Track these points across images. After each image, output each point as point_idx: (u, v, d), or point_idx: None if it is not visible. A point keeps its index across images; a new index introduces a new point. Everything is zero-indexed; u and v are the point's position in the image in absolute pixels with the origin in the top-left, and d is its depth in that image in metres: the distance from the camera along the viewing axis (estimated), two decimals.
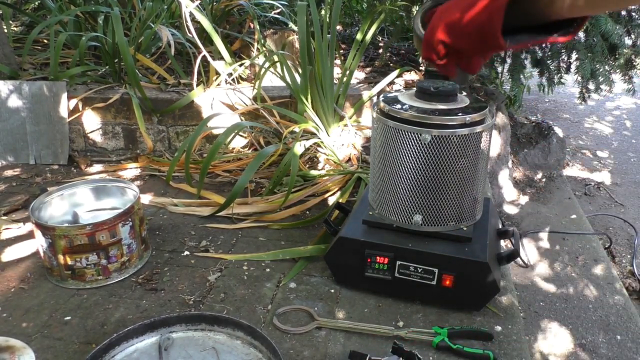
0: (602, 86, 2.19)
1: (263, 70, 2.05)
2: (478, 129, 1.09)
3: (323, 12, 2.31)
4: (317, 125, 1.95)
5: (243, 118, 2.10)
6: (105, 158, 2.11)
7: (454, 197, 1.13)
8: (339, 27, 3.29)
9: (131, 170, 1.99)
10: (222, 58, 2.27)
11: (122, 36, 1.95)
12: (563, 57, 2.18)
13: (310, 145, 1.94)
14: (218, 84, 2.16)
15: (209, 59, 2.17)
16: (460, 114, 1.08)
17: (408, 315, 1.16)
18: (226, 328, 1.06)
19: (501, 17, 0.55)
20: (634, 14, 2.42)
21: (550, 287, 1.93)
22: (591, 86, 2.28)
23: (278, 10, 2.99)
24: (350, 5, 3.35)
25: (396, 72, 2.31)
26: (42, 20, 2.59)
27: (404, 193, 1.14)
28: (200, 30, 2.45)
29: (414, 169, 1.11)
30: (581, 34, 2.22)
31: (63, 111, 2.05)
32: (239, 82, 2.25)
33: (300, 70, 1.98)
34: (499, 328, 1.11)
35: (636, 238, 2.50)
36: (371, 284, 1.20)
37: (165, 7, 2.63)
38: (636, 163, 3.57)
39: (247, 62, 2.31)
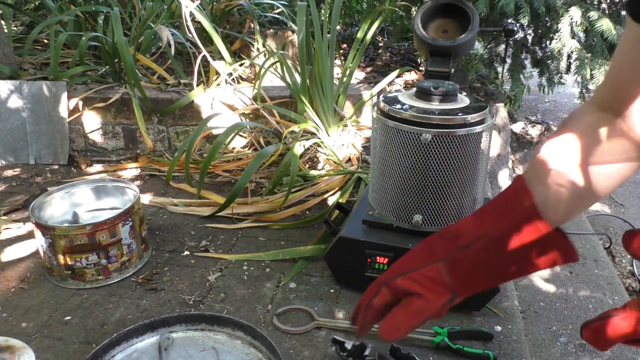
0: None
1: (263, 70, 2.05)
2: (478, 129, 1.09)
3: (323, 12, 2.31)
4: (317, 125, 1.95)
5: (243, 118, 2.10)
6: (105, 158, 2.11)
7: (454, 197, 1.13)
8: (338, 27, 3.29)
9: (131, 170, 1.99)
10: (222, 58, 2.27)
11: (122, 36, 1.95)
12: (563, 57, 2.18)
13: (310, 145, 1.94)
14: (218, 84, 2.16)
15: (209, 59, 2.17)
16: (460, 114, 1.08)
17: None
18: (226, 328, 1.06)
19: None
20: None
21: (550, 287, 1.93)
22: (591, 86, 2.28)
23: (278, 10, 2.99)
24: (350, 5, 3.35)
25: (396, 72, 2.31)
26: (42, 20, 2.59)
27: (404, 193, 1.14)
28: (200, 30, 2.45)
29: (414, 169, 1.11)
30: (581, 34, 2.22)
31: (63, 111, 2.05)
32: (239, 82, 2.25)
33: (300, 70, 1.98)
34: (499, 328, 1.11)
35: None
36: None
37: (165, 7, 2.62)
38: None
39: (247, 62, 2.31)
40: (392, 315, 0.57)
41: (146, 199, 1.72)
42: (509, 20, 2.10)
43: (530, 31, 2.51)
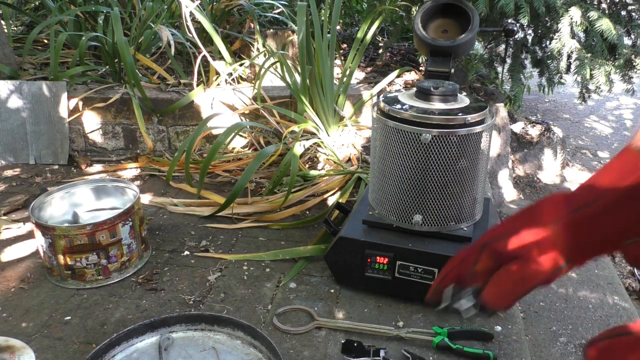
0: (602, 86, 2.18)
1: (263, 70, 2.05)
2: (478, 129, 1.09)
3: (323, 12, 2.31)
4: (317, 125, 1.95)
5: (243, 118, 2.10)
6: (105, 158, 2.11)
7: (454, 197, 1.13)
8: (338, 27, 3.29)
9: (131, 170, 1.99)
10: (222, 58, 2.27)
11: (122, 36, 1.95)
12: (563, 57, 2.18)
13: (310, 145, 1.94)
14: (218, 84, 2.16)
15: (209, 59, 2.17)
16: (460, 114, 1.08)
17: (408, 315, 1.16)
18: (226, 328, 1.06)
19: None
20: (634, 14, 2.42)
21: (550, 287, 1.93)
22: (591, 86, 2.28)
23: (278, 10, 2.99)
24: (350, 5, 3.35)
25: (396, 72, 2.31)
26: (42, 20, 2.59)
27: (404, 193, 1.14)
28: (200, 30, 2.45)
29: (414, 169, 1.11)
30: (581, 34, 2.22)
31: (63, 111, 2.05)
32: (239, 82, 2.25)
33: (300, 70, 1.98)
34: (499, 328, 1.12)
35: None
36: (371, 284, 1.20)
37: (165, 7, 2.62)
38: None
39: (247, 62, 2.31)
40: (497, 283, 0.50)
41: (146, 199, 1.72)
42: (509, 20, 2.10)
43: (530, 31, 2.51)
